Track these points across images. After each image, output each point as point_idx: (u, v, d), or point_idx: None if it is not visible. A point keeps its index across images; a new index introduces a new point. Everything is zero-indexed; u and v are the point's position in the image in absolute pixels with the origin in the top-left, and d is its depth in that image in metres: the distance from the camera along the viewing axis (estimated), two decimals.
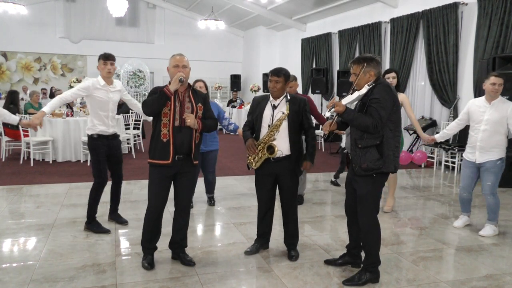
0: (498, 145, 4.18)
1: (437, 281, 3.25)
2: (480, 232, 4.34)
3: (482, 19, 7.41)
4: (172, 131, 3.23)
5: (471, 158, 4.31)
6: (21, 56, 15.20)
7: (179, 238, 3.49)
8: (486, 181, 4.26)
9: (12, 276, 3.21)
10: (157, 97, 3.19)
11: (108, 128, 4.12)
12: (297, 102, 3.50)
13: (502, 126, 4.15)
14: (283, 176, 3.52)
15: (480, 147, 4.20)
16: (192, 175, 3.45)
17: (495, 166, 4.20)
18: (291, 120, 3.44)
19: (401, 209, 5.24)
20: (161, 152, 3.25)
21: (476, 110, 4.24)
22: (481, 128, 4.18)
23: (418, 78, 9.21)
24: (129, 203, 5.19)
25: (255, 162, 3.50)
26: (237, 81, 16.19)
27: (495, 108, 4.15)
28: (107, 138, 4.13)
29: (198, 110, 3.34)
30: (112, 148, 4.19)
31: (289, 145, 3.46)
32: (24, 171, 6.89)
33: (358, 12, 11.00)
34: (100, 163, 4.12)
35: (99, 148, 4.10)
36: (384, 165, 3.00)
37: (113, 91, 4.17)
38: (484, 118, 4.17)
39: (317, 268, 3.44)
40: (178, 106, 3.26)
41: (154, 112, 3.25)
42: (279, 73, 3.45)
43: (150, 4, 16.32)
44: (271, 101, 3.52)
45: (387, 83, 3.09)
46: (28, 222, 4.45)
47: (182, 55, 3.34)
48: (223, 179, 6.74)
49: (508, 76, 6.56)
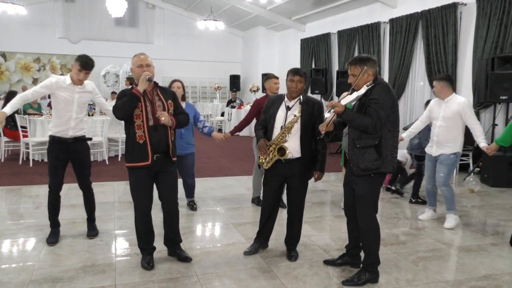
0: (454, 140, 4.42)
1: (436, 281, 3.26)
2: (444, 225, 4.53)
3: (481, 20, 7.43)
4: (147, 131, 3.21)
5: (429, 151, 4.62)
6: (20, 57, 15.19)
7: (172, 235, 3.53)
8: (439, 173, 4.51)
9: (11, 277, 3.20)
10: (127, 99, 3.16)
11: (68, 131, 3.79)
12: (312, 104, 3.46)
13: (456, 122, 4.40)
14: (292, 178, 3.49)
15: (437, 141, 4.48)
16: (173, 172, 3.45)
17: (448, 159, 4.43)
18: (303, 122, 3.40)
19: (400, 209, 5.24)
20: (139, 154, 3.23)
21: (435, 108, 4.54)
22: (437, 124, 4.47)
23: (417, 78, 9.23)
24: (127, 203, 5.18)
25: (266, 162, 3.48)
26: (236, 82, 16.18)
27: (449, 104, 4.42)
28: (66, 142, 3.80)
29: (169, 107, 3.33)
30: (72, 153, 3.85)
31: (300, 147, 3.42)
32: (23, 172, 6.88)
33: (357, 12, 11.01)
34: (54, 168, 3.82)
35: (55, 151, 3.81)
36: (382, 165, 3.00)
37: (80, 92, 3.82)
38: (440, 115, 4.47)
39: (317, 268, 3.44)
40: (149, 106, 3.25)
41: (126, 115, 3.21)
42: (301, 72, 3.44)
43: (149, 4, 16.32)
44: (285, 102, 3.49)
45: (386, 83, 3.10)
46: (28, 223, 4.45)
47: (145, 54, 3.33)
48: (222, 179, 6.74)
49: (506, 76, 6.59)
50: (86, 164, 3.97)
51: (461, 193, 6.21)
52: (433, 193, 4.75)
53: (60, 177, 3.87)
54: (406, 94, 9.49)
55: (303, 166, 3.46)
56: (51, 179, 3.86)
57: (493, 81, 6.73)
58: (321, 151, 3.49)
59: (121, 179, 6.43)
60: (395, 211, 5.19)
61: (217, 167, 7.75)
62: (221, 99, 16.20)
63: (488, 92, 6.84)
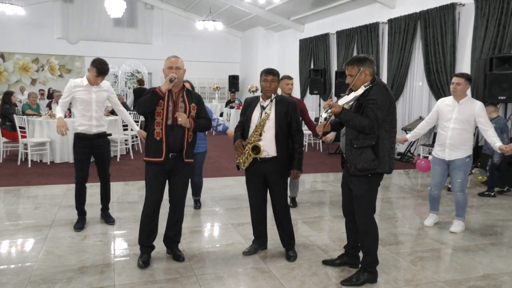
0: (467, 142, 4.29)
1: (435, 281, 3.26)
2: (451, 229, 4.42)
3: (479, 20, 7.44)
4: (165, 129, 3.31)
5: (440, 155, 4.39)
6: (18, 57, 15.17)
7: (172, 234, 3.57)
8: (456, 179, 4.34)
9: (10, 277, 3.20)
10: (149, 96, 3.29)
11: (91, 128, 4.15)
12: (286, 103, 3.49)
13: (469, 125, 4.26)
14: (270, 177, 3.52)
15: (450, 144, 4.28)
16: (185, 173, 3.50)
17: (464, 164, 4.29)
18: (278, 121, 3.43)
19: (399, 209, 5.25)
20: (155, 150, 3.33)
21: (445, 109, 4.35)
22: (450, 126, 4.27)
23: (415, 79, 9.23)
24: (126, 204, 5.19)
25: (243, 162, 3.51)
26: (235, 82, 16.19)
27: (463, 106, 4.26)
28: (90, 138, 4.16)
29: (191, 110, 3.41)
30: (96, 147, 4.20)
31: (275, 146, 3.45)
32: (21, 172, 6.87)
33: (356, 12, 11.02)
34: (80, 162, 4.17)
35: (81, 147, 4.15)
36: (380, 165, 3.00)
37: (96, 91, 4.18)
38: (453, 117, 4.27)
39: (315, 269, 3.44)
40: (171, 106, 3.34)
41: (145, 111, 3.35)
42: (274, 71, 3.49)
43: (148, 5, 16.31)
44: (260, 102, 3.53)
45: (384, 84, 3.10)
46: (26, 223, 4.44)
47: (177, 57, 3.42)
48: (221, 179, 6.75)
49: (505, 76, 6.59)
50: (107, 157, 4.35)
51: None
52: (439, 198, 4.60)
53: (86, 170, 4.22)
54: (405, 94, 9.49)
55: (280, 164, 3.48)
56: (78, 172, 4.20)
57: (491, 81, 6.74)
58: (298, 149, 3.51)
59: (120, 180, 6.43)
60: (393, 211, 5.20)
61: (216, 167, 7.75)
62: (220, 100, 16.21)
63: (486, 92, 6.85)
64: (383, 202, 5.61)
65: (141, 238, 3.48)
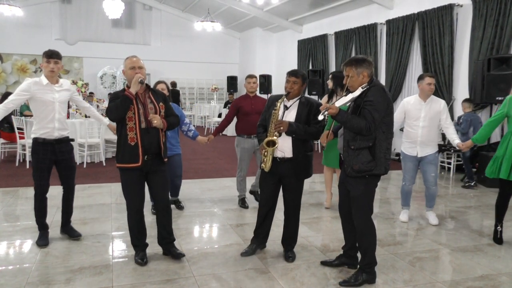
0: (435, 139, 4.59)
1: (433, 282, 3.27)
2: (432, 222, 4.67)
3: (477, 21, 7.46)
4: (139, 133, 3.27)
5: (412, 152, 4.60)
6: (16, 58, 15.14)
7: (166, 234, 3.56)
8: (430, 173, 4.60)
9: (8, 279, 3.19)
10: (120, 101, 3.21)
11: (53, 132, 3.74)
12: (309, 105, 3.47)
13: (436, 122, 4.55)
14: (286, 178, 3.51)
15: (421, 142, 4.51)
16: (164, 172, 3.50)
17: (435, 158, 4.60)
18: (297, 121, 3.42)
19: (397, 210, 5.25)
20: (130, 155, 3.29)
21: (413, 108, 4.54)
22: (420, 124, 4.49)
23: (413, 79, 9.23)
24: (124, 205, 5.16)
25: (265, 163, 3.46)
26: (233, 83, 16.18)
27: (430, 105, 4.49)
28: (51, 144, 3.74)
29: (160, 110, 3.38)
30: (58, 154, 3.79)
31: (291, 147, 3.43)
32: (19, 173, 6.86)
33: (354, 13, 11.04)
34: (40, 170, 3.75)
35: (40, 153, 3.73)
36: (376, 167, 3.01)
37: (59, 91, 3.79)
38: (421, 115, 4.48)
39: (314, 269, 3.44)
40: (141, 108, 3.30)
41: (119, 117, 3.26)
42: (297, 74, 3.46)
43: (146, 5, 16.30)
44: (284, 102, 3.50)
45: (382, 85, 3.10)
46: (24, 225, 4.44)
47: (137, 57, 3.38)
48: (220, 180, 6.74)
49: (502, 77, 6.61)
50: (71, 164, 3.93)
51: (458, 193, 6.24)
52: (410, 193, 4.83)
53: (46, 179, 3.82)
54: (403, 95, 9.50)
55: (296, 167, 3.47)
56: (37, 182, 3.81)
57: (489, 82, 6.76)
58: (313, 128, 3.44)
59: (118, 181, 6.37)
60: (391, 211, 5.20)
61: (215, 168, 7.74)
62: (218, 100, 16.20)
63: (484, 93, 6.87)
64: (381, 202, 5.62)
65: (133, 239, 3.51)
